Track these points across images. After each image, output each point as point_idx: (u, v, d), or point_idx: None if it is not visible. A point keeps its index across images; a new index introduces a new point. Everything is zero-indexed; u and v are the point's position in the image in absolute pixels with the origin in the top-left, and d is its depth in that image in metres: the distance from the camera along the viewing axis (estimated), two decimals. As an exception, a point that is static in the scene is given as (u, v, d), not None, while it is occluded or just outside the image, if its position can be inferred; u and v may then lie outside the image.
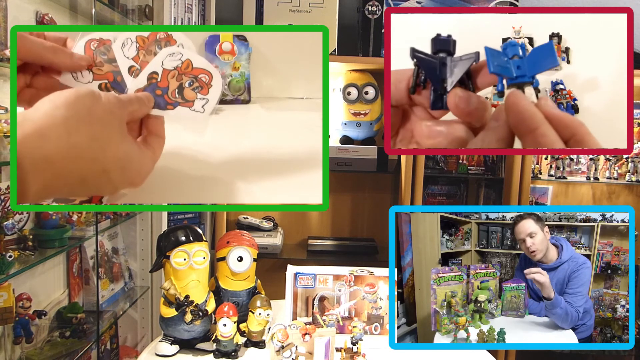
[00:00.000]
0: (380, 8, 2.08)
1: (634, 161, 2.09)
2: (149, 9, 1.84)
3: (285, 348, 1.06)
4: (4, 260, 1.17)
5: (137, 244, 2.01)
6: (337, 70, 2.13)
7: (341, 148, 2.03)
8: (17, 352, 1.34)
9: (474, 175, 2.21)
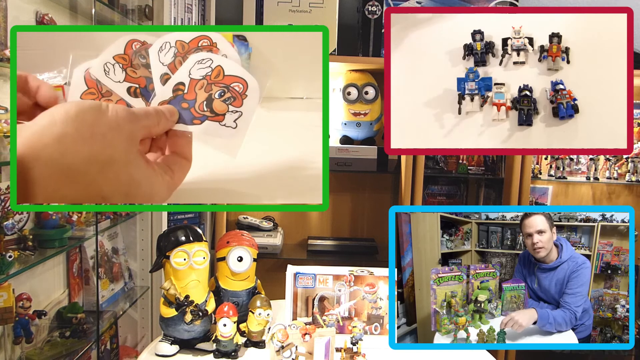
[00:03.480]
0: (380, 8, 2.08)
1: (634, 161, 2.09)
2: (149, 9, 1.84)
3: (285, 348, 1.06)
4: (4, 260, 1.17)
5: (137, 244, 2.01)
6: (337, 70, 2.13)
7: (341, 148, 2.03)
8: (17, 352, 1.34)
9: (474, 175, 2.20)
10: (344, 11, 2.12)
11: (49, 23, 1.43)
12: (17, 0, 1.32)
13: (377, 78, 2.08)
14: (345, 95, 2.05)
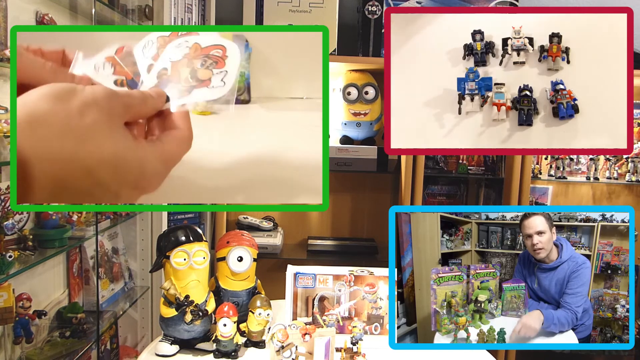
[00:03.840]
0: (380, 8, 2.08)
1: (634, 161, 2.09)
2: (149, 9, 1.84)
3: (285, 348, 1.06)
4: (4, 260, 1.17)
5: (137, 244, 2.01)
6: (337, 70, 2.13)
7: (341, 148, 2.03)
8: (17, 352, 1.34)
9: (474, 175, 2.20)
10: (344, 11, 2.12)
11: (49, 23, 1.43)
12: (17, 0, 1.32)
13: (377, 78, 2.08)
14: (345, 95, 2.05)
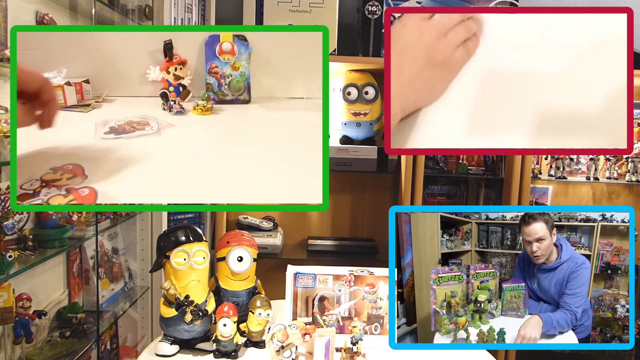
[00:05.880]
0: (380, 8, 2.08)
1: (634, 161, 2.09)
2: (149, 9, 1.84)
3: (285, 348, 1.06)
4: (4, 260, 1.17)
5: (137, 244, 2.01)
6: (337, 70, 2.13)
7: (341, 148, 2.03)
8: (17, 352, 1.34)
9: (474, 175, 2.21)
10: (344, 11, 2.12)
11: (49, 23, 1.43)
12: (17, 0, 1.32)
13: (377, 78, 2.08)
14: (345, 95, 2.05)
